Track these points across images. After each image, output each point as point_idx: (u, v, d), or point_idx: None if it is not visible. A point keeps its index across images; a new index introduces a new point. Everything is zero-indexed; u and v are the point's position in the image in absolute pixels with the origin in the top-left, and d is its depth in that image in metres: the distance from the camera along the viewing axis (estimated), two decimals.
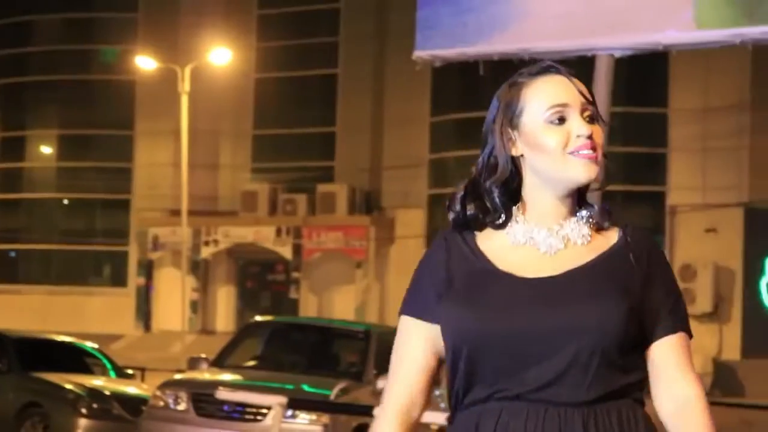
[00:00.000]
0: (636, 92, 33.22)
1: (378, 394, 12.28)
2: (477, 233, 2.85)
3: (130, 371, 18.21)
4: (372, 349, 13.24)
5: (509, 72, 3.09)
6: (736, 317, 33.80)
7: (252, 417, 12.49)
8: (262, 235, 37.37)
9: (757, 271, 34.61)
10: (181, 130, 32.92)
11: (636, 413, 2.77)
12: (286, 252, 37.10)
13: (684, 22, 7.18)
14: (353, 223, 36.51)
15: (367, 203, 37.63)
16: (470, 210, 2.85)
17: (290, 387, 12.53)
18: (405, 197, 34.71)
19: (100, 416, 14.80)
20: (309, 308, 36.50)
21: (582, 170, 2.77)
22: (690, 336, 2.88)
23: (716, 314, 33.50)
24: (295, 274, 37.17)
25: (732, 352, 33.69)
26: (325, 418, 12.35)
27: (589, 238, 2.80)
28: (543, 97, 2.78)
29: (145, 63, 35.37)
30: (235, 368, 13.98)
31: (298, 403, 11.56)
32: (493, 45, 7.41)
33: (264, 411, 12.18)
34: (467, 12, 7.76)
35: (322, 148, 38.94)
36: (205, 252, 38.38)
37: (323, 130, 39.04)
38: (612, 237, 2.84)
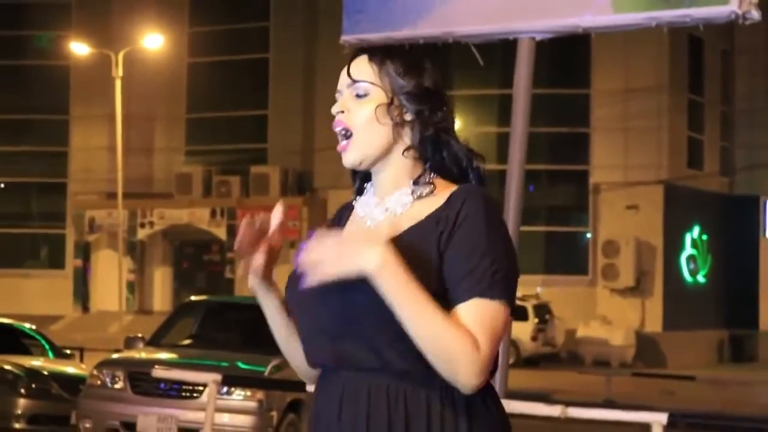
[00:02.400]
0: (559, 74, 33.44)
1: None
2: (356, 201, 2.93)
3: (68, 351, 18.07)
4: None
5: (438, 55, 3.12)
6: (657, 291, 34.15)
7: (188, 394, 12.46)
8: (197, 216, 37.26)
9: (677, 246, 35.01)
10: (116, 115, 32.74)
11: (433, 396, 2.66)
12: (221, 233, 37.03)
13: (601, 6, 7.23)
14: (286, 203, 36.33)
15: (300, 184, 37.64)
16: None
17: (225, 364, 12.50)
18: (337, 178, 34.71)
19: (39, 396, 14.68)
20: (244, 287, 36.39)
21: (343, 157, 2.85)
22: (498, 301, 2.62)
23: (638, 288, 33.84)
24: (229, 255, 37.08)
25: (654, 324, 34.04)
26: (260, 394, 12.34)
27: (408, 207, 2.75)
28: None
29: (79, 48, 35.12)
30: (171, 347, 13.93)
31: (232, 380, 11.55)
32: (418, 29, 7.41)
33: (199, 388, 12.15)
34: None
35: (255, 130, 38.88)
36: (141, 234, 38.21)
37: (256, 114, 38.98)
38: (438, 203, 2.72)
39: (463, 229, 2.65)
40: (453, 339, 2.55)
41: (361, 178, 2.92)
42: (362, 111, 2.79)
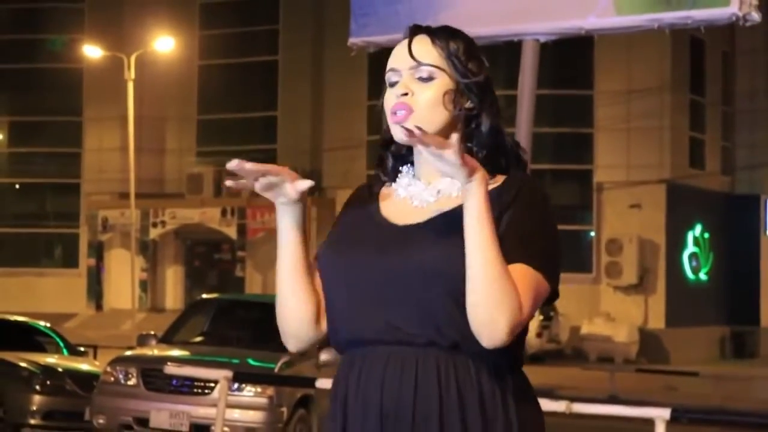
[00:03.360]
0: (563, 75, 33.42)
1: (320, 367, 12.33)
2: (393, 184, 2.83)
3: (82, 349, 18.09)
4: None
5: None
6: (660, 288, 34.11)
7: (199, 390, 12.48)
8: (208, 216, 37.27)
9: (679, 244, 34.98)
10: (128, 116, 32.74)
11: (492, 371, 2.62)
12: (231, 232, 37.04)
13: (604, 9, 7.23)
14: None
15: None
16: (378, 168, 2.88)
17: (236, 361, 12.52)
18: (345, 178, 34.71)
19: (54, 392, 14.72)
20: (254, 285, 36.47)
21: (395, 129, 2.70)
22: (544, 274, 2.62)
23: (642, 286, 33.80)
24: (240, 253, 37.12)
25: (657, 321, 34.00)
26: (270, 390, 12.36)
27: (460, 190, 2.63)
28: (388, 61, 2.77)
29: (92, 51, 35.14)
30: (183, 344, 13.96)
31: (243, 376, 11.56)
32: None
33: (211, 384, 12.17)
34: (399, 1, 7.79)
35: (265, 131, 38.89)
36: (153, 233, 38.23)
37: (265, 115, 39.00)
38: (493, 186, 2.65)
39: (522, 205, 2.63)
40: (509, 287, 2.51)
41: (394, 158, 2.84)
42: (427, 93, 2.69)
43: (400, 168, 2.82)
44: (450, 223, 2.62)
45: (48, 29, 41.10)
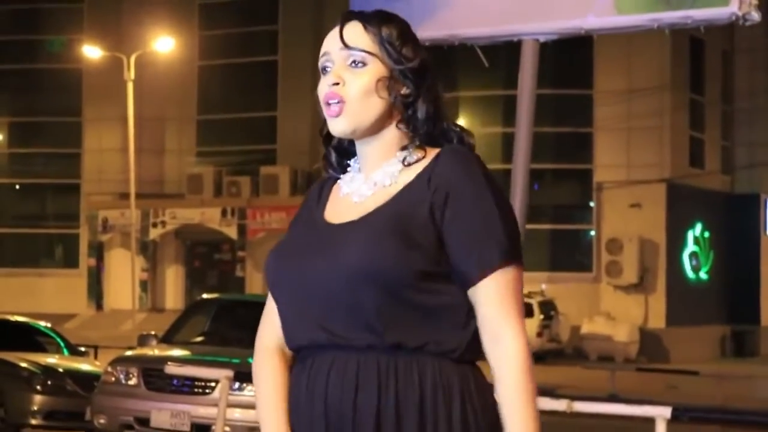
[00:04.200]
0: (563, 75, 33.43)
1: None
2: (340, 180, 2.76)
3: (83, 349, 18.10)
4: None
5: (443, 57, 3.10)
6: (660, 287, 34.11)
7: (200, 390, 12.49)
8: (208, 216, 37.28)
9: (679, 244, 34.98)
10: (128, 117, 32.77)
11: (438, 372, 2.53)
12: (232, 232, 37.04)
13: (604, 8, 7.23)
14: (295, 203, 36.43)
15: (309, 184, 37.60)
16: (325, 166, 2.82)
17: (236, 361, 12.51)
18: None
19: (55, 392, 14.73)
20: (254, 285, 36.45)
21: (330, 124, 2.66)
22: (512, 263, 2.53)
23: (642, 285, 33.80)
24: (240, 253, 37.12)
25: (657, 320, 34.00)
26: None
27: (396, 176, 2.61)
28: (322, 46, 2.72)
29: (91, 52, 35.15)
30: (184, 344, 13.96)
31: (244, 376, 11.54)
32: (424, 32, 7.40)
33: (212, 384, 12.17)
34: (398, 1, 7.79)
35: (265, 132, 38.89)
36: (154, 233, 38.23)
37: (265, 115, 39.00)
38: (424, 165, 2.59)
39: (460, 191, 2.54)
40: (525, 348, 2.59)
41: (337, 152, 2.77)
42: (359, 81, 2.61)
43: (347, 162, 2.76)
44: (382, 219, 2.56)
45: (47, 30, 41.10)
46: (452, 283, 2.56)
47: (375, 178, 2.65)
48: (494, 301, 2.53)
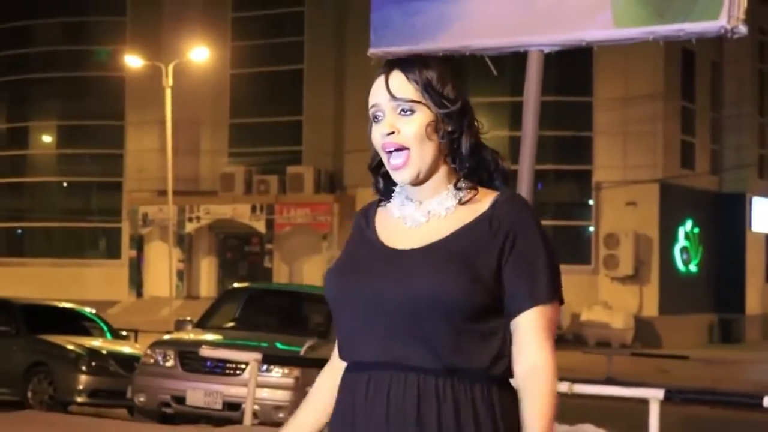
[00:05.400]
0: (565, 83, 33.34)
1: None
2: (388, 204, 2.77)
3: (124, 333, 18.17)
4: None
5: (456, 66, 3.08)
6: (653, 279, 34.02)
7: (231, 372, 12.49)
8: (239, 211, 37.30)
9: (671, 239, 34.89)
10: (166, 120, 32.78)
11: (486, 392, 2.57)
12: (261, 226, 37.06)
13: (604, 22, 7.20)
14: (319, 200, 36.50)
15: (331, 183, 37.63)
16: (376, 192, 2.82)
17: (265, 345, 12.52)
18: (364, 177, 34.34)
19: (99, 373, 14.77)
20: (281, 276, 36.49)
21: (394, 176, 2.67)
22: (554, 302, 2.67)
23: (637, 276, 33.72)
24: (268, 246, 37.14)
25: (650, 309, 33.92)
26: (296, 372, 12.36)
27: (453, 210, 2.63)
28: (369, 97, 2.72)
29: (133, 61, 35.18)
30: (217, 329, 13.97)
31: (271, 358, 11.58)
32: (438, 43, 7.40)
33: (242, 366, 12.17)
34: (415, 14, 7.77)
35: (291, 134, 38.89)
36: (189, 227, 38.27)
37: (291, 119, 38.99)
38: (482, 208, 2.64)
39: (521, 239, 2.59)
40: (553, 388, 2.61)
41: (384, 177, 2.76)
42: (411, 128, 2.62)
43: (393, 188, 2.75)
44: (448, 252, 2.58)
45: (93, 41, 41.18)
46: (500, 315, 2.61)
47: (429, 207, 2.66)
48: (536, 330, 2.61)
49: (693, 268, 36.02)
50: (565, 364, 23.49)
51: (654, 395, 7.58)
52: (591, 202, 35.10)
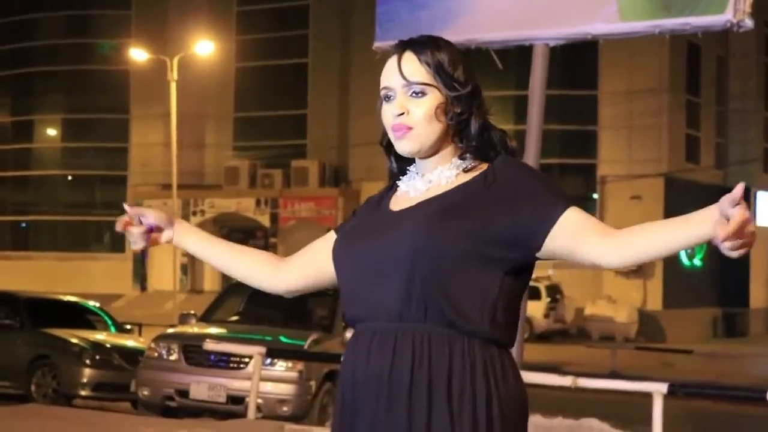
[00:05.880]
0: (570, 77, 33.32)
1: (346, 344, 12.32)
2: (400, 181, 2.82)
3: (128, 326, 18.14)
4: (340, 305, 13.17)
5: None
6: (658, 273, 34.02)
7: (235, 365, 12.48)
8: (244, 205, 37.33)
9: None
10: (171, 114, 32.78)
11: (465, 345, 2.58)
12: (265, 220, 37.09)
13: (609, 16, 7.18)
14: (323, 194, 36.51)
15: (336, 177, 37.64)
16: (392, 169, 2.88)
17: (269, 338, 12.51)
18: (369, 171, 34.68)
19: (103, 366, 14.76)
20: None
21: (396, 145, 2.71)
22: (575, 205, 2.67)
23: (641, 271, 33.70)
24: (272, 240, 37.16)
25: (654, 303, 33.92)
26: (300, 365, 12.34)
27: (453, 179, 2.69)
28: (381, 80, 2.75)
29: (138, 55, 35.19)
30: (220, 323, 13.95)
31: (275, 352, 11.56)
32: (444, 36, 7.37)
33: (246, 360, 12.16)
34: (421, 8, 7.76)
35: (296, 128, 38.90)
36: (194, 221, 38.27)
37: (296, 113, 39.00)
38: (481, 171, 2.70)
39: (521, 182, 2.64)
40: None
41: (397, 158, 2.81)
42: (420, 109, 2.67)
43: (407, 168, 2.81)
44: (435, 204, 2.64)
45: (98, 34, 41.21)
46: (492, 267, 2.61)
47: (430, 177, 2.73)
48: (587, 218, 2.64)
49: (697, 262, 35.99)
50: (570, 359, 23.55)
51: (658, 389, 7.57)
52: (596, 195, 35.08)
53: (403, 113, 2.68)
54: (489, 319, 2.60)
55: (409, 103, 2.69)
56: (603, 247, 2.60)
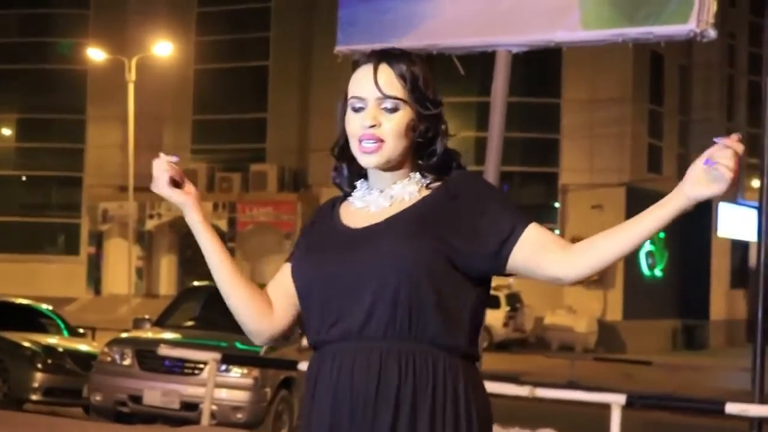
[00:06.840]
0: (533, 84, 33.45)
1: (303, 351, 12.30)
2: (349, 198, 2.83)
3: (81, 331, 18.01)
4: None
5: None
6: (618, 283, 34.18)
7: (190, 371, 12.43)
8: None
9: None
10: (128, 115, 32.65)
11: (447, 361, 2.61)
12: (223, 224, 36.96)
13: (572, 24, 7.22)
14: (282, 199, 36.45)
15: (295, 181, 37.59)
16: (336, 178, 2.90)
17: (224, 344, 12.46)
18: (329, 176, 34.37)
19: (55, 370, 14.66)
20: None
21: (361, 158, 2.71)
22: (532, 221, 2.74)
23: (601, 281, 33.83)
24: (230, 244, 37.01)
25: (615, 313, 34.07)
26: (256, 372, 12.32)
27: (416, 194, 2.70)
28: (351, 87, 2.73)
29: (95, 54, 35.03)
30: (176, 328, 13.89)
31: (231, 358, 11.52)
32: (405, 42, 7.39)
33: (201, 366, 12.12)
34: (383, 12, 7.76)
35: (255, 132, 38.83)
36: (150, 224, 38.13)
37: (256, 116, 38.94)
38: (438, 187, 2.73)
39: (480, 192, 2.69)
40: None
41: (349, 170, 2.82)
42: (392, 124, 2.67)
43: (356, 183, 2.82)
44: (407, 219, 2.65)
45: (55, 33, 40.98)
46: (465, 281, 2.65)
47: (392, 192, 2.73)
48: (547, 234, 2.72)
49: (658, 273, 36.21)
50: (528, 368, 23.59)
51: (616, 400, 7.60)
52: (557, 204, 35.22)
53: (374, 125, 2.68)
54: (466, 333, 2.65)
55: (381, 116, 2.69)
56: (563, 261, 2.66)
